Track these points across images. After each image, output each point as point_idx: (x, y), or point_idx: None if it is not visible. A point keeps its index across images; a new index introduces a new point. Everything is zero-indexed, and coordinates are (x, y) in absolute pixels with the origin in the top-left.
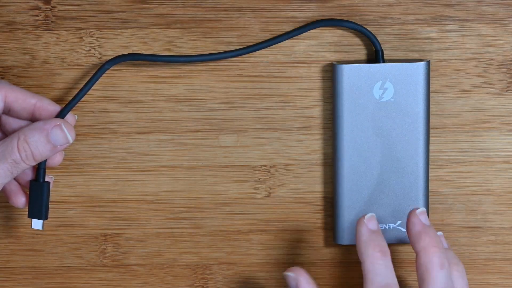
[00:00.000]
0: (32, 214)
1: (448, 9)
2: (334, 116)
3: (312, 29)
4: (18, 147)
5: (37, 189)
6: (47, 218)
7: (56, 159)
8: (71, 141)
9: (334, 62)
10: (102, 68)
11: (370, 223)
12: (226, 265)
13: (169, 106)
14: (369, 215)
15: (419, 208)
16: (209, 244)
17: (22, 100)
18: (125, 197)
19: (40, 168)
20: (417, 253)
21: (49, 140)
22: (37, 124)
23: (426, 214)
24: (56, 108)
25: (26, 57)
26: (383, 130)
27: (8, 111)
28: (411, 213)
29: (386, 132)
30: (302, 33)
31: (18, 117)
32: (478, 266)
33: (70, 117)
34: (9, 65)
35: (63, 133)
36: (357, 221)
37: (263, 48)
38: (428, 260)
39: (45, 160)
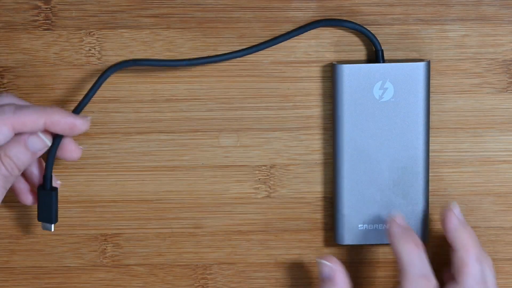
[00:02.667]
0: (42, 218)
1: (448, 9)
2: (334, 116)
3: (312, 29)
4: (2, 162)
5: (45, 196)
6: (57, 221)
7: (75, 154)
8: (49, 144)
9: (334, 62)
10: (104, 74)
11: (399, 220)
12: (226, 265)
13: (169, 106)
14: (396, 213)
15: (452, 203)
16: (209, 244)
17: (31, 124)
18: (125, 197)
19: (46, 176)
20: (456, 250)
21: (28, 149)
22: (15, 137)
23: (459, 210)
24: (68, 120)
25: (26, 57)
26: (383, 130)
27: None
28: (446, 210)
29: (386, 132)
30: (302, 33)
31: None
32: None
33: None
34: (9, 65)
35: (39, 139)
36: (387, 221)
37: (263, 48)
38: (467, 255)
39: (51, 168)
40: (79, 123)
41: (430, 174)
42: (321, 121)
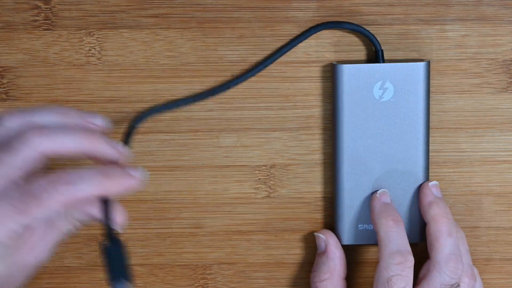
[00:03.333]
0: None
1: (448, 9)
2: (334, 116)
3: (313, 34)
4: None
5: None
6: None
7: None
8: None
9: (334, 62)
10: (131, 130)
11: (383, 197)
12: (226, 265)
13: None
14: (381, 190)
15: (432, 181)
16: (209, 244)
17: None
18: (125, 197)
19: (109, 229)
20: (427, 222)
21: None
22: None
23: (438, 187)
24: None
25: (26, 57)
26: (383, 130)
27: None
28: (423, 184)
29: (386, 132)
30: (304, 39)
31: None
32: (478, 266)
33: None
34: (9, 65)
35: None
36: (371, 197)
37: (270, 63)
38: (437, 228)
39: (111, 220)
40: (134, 183)
41: (430, 174)
42: (321, 121)
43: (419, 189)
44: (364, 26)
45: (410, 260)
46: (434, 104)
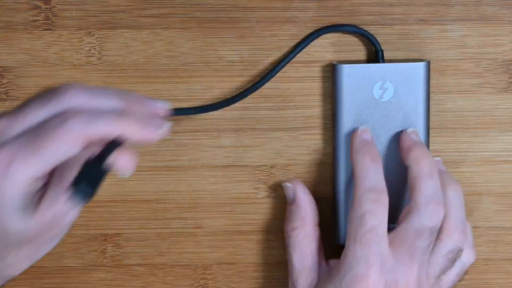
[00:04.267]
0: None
1: (448, 9)
2: (334, 116)
3: (316, 38)
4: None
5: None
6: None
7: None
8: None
9: (334, 62)
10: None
11: (363, 134)
12: (226, 265)
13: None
14: (363, 126)
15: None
16: (209, 244)
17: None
18: (125, 197)
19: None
20: (408, 166)
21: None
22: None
23: (417, 133)
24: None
25: (26, 57)
26: (383, 130)
27: None
28: (402, 132)
29: (386, 132)
30: (306, 45)
31: None
32: (478, 266)
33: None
34: (9, 65)
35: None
36: (353, 133)
37: (274, 75)
38: (418, 169)
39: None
40: (158, 135)
41: None
42: (321, 121)
43: (399, 138)
44: (364, 26)
45: (385, 198)
46: (434, 104)
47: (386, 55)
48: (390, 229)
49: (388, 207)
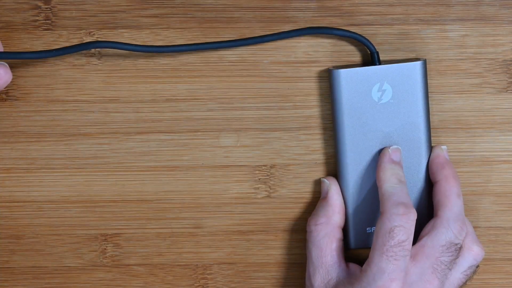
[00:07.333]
0: None
1: (448, 9)
2: (334, 121)
3: (301, 36)
4: None
5: None
6: None
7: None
8: None
9: (330, 68)
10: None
11: (394, 154)
12: (226, 265)
13: (169, 106)
14: (394, 147)
15: (443, 145)
16: (209, 244)
17: None
18: (125, 197)
19: None
20: (437, 181)
21: None
22: None
23: (446, 150)
24: None
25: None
26: (384, 132)
27: None
28: (435, 147)
29: (387, 134)
30: (287, 38)
31: None
32: (479, 266)
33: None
34: (9, 65)
35: None
36: (382, 151)
37: (251, 43)
38: (449, 188)
39: None
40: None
41: None
42: (321, 121)
43: (431, 151)
44: (364, 27)
45: (414, 213)
46: (434, 104)
47: (386, 56)
48: None
49: (415, 224)
